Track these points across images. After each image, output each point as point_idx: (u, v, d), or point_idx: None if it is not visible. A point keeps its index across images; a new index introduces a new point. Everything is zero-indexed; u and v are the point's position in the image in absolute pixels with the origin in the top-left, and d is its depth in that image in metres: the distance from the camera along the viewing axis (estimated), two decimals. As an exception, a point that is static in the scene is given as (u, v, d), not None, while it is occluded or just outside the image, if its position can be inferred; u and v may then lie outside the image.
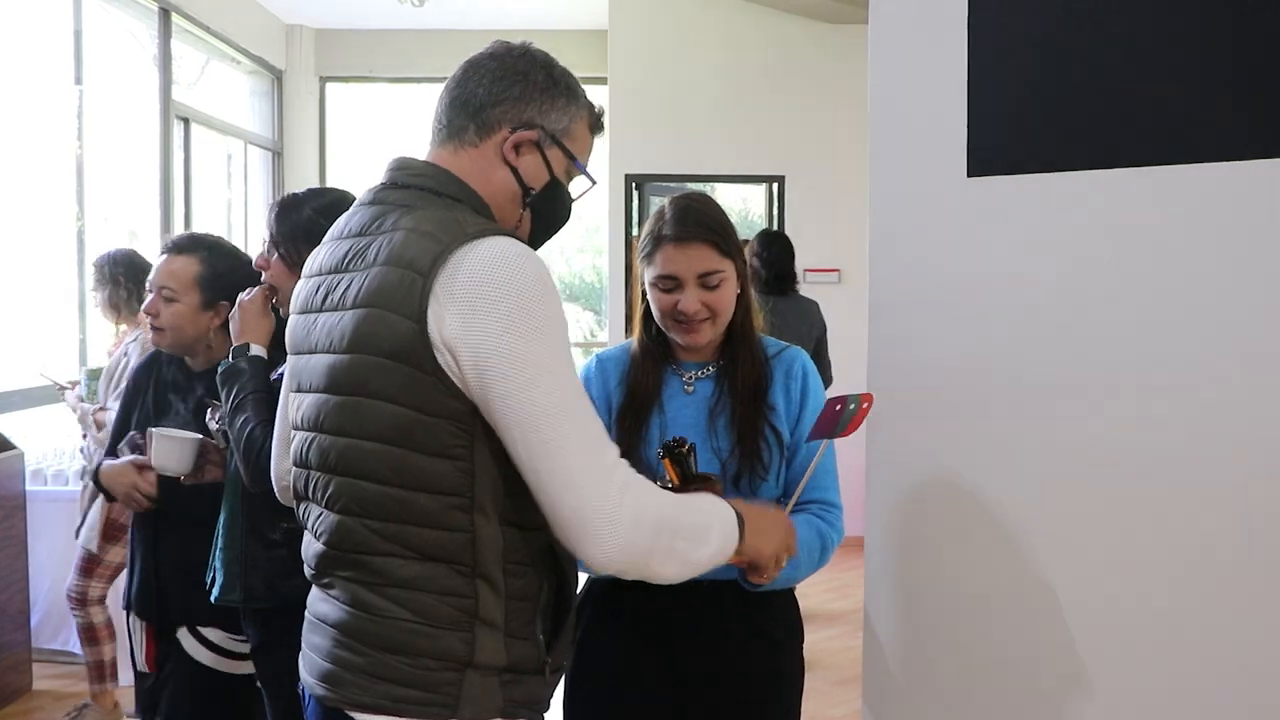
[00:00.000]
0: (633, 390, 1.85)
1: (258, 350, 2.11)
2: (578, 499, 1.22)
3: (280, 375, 1.69)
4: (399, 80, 7.82)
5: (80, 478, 4.21)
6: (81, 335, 5.20)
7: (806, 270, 6.02)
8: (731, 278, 1.81)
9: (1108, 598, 1.80)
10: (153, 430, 2.25)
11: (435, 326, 1.25)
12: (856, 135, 2.82)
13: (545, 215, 1.47)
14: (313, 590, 1.44)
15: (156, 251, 2.47)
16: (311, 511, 1.41)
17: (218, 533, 2.17)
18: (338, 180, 7.20)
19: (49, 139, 5.19)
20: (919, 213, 1.94)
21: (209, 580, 2.18)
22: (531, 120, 1.41)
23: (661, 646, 1.82)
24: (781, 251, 4.39)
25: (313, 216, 2.03)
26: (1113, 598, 1.80)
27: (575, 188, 1.50)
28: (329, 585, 1.39)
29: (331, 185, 2.36)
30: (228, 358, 2.12)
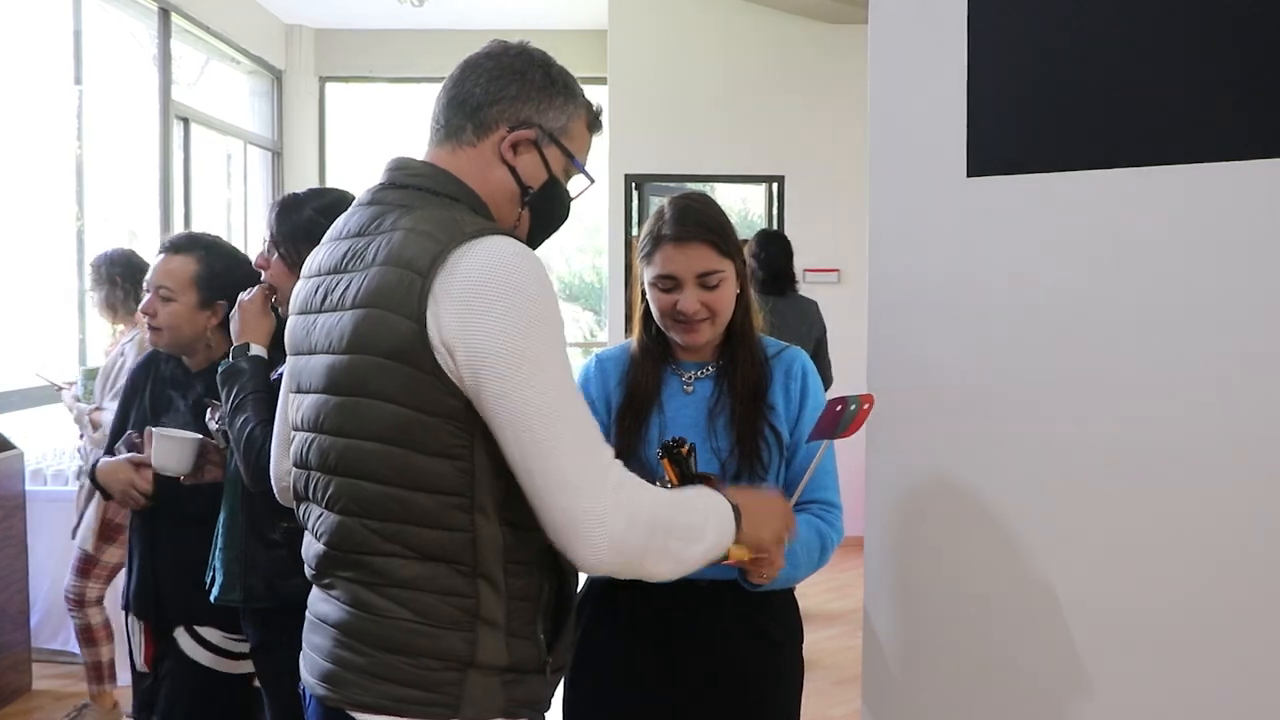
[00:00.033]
0: (632, 390, 1.85)
1: (258, 350, 2.11)
2: (569, 500, 1.22)
3: (280, 375, 1.69)
4: (399, 80, 7.82)
5: (77, 477, 4.20)
6: (81, 335, 5.20)
7: (806, 270, 6.02)
8: (731, 278, 1.81)
9: (1107, 597, 1.80)
10: (153, 430, 2.25)
11: (434, 326, 1.25)
12: (856, 135, 2.82)
13: (544, 214, 1.46)
14: (313, 590, 1.44)
15: (155, 251, 2.47)
16: (312, 512, 1.41)
17: (217, 532, 2.17)
18: (337, 180, 7.20)
19: (49, 139, 5.18)
20: (919, 213, 1.94)
21: (208, 580, 2.18)
22: (529, 119, 1.41)
23: (661, 646, 1.82)
24: (779, 251, 4.38)
25: (313, 216, 2.03)
26: (1112, 597, 1.80)
27: (574, 186, 1.50)
28: (330, 585, 1.39)
29: (331, 185, 2.36)
30: (228, 358, 2.12)
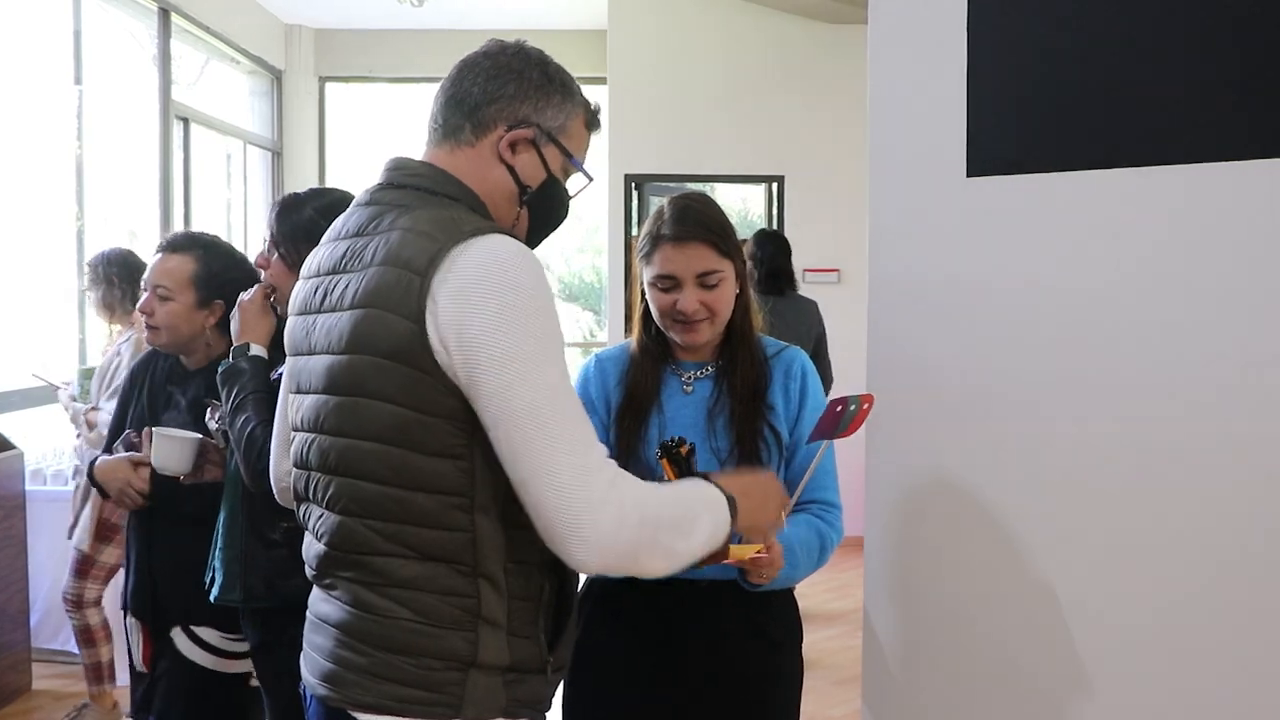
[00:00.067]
0: (631, 390, 1.85)
1: (258, 350, 2.11)
2: (559, 498, 1.21)
3: (280, 375, 1.69)
4: (398, 80, 7.82)
5: (73, 477, 4.19)
6: (81, 335, 5.20)
7: (806, 270, 6.02)
8: (730, 277, 1.81)
9: (1107, 597, 1.80)
10: (153, 430, 2.25)
11: (432, 325, 1.25)
12: (856, 135, 2.82)
13: (543, 213, 1.46)
14: (314, 590, 1.44)
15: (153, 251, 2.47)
16: (312, 512, 1.41)
17: (217, 532, 2.17)
18: (337, 180, 7.19)
19: (48, 139, 5.18)
20: (918, 212, 1.94)
21: (208, 580, 2.18)
22: (527, 118, 1.41)
23: (661, 646, 1.82)
24: (777, 251, 4.38)
25: (313, 217, 2.03)
26: (1112, 597, 1.80)
27: (572, 185, 1.50)
28: (331, 586, 1.39)
29: (331, 185, 2.35)
30: (228, 358, 2.12)
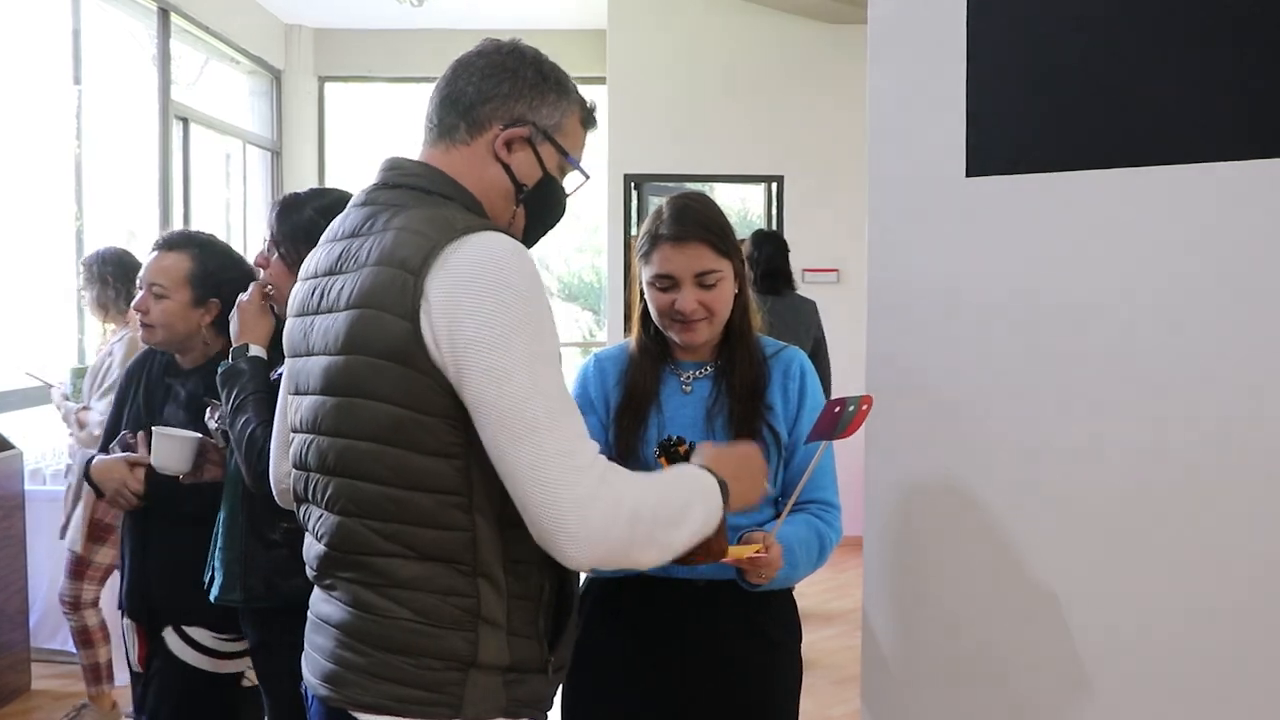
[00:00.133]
0: (631, 390, 1.85)
1: (257, 350, 2.11)
2: (547, 496, 1.20)
3: (280, 375, 1.69)
4: (398, 80, 7.81)
5: (65, 476, 4.19)
6: (80, 335, 5.20)
7: (805, 270, 6.02)
8: (729, 277, 1.81)
9: (1105, 597, 1.80)
10: (154, 429, 2.25)
11: (427, 324, 1.25)
12: (856, 135, 2.82)
13: (539, 211, 1.46)
14: (315, 590, 1.44)
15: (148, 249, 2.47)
16: (312, 513, 1.41)
17: (217, 532, 2.17)
18: (337, 180, 7.19)
19: (48, 139, 5.18)
20: (918, 212, 1.94)
21: (207, 579, 2.18)
22: (522, 116, 1.41)
23: (660, 646, 1.82)
24: (775, 251, 4.38)
25: (313, 217, 2.02)
26: (1109, 597, 1.80)
27: (569, 183, 1.50)
28: (331, 586, 1.39)
29: (331, 185, 2.35)
30: (227, 359, 2.12)
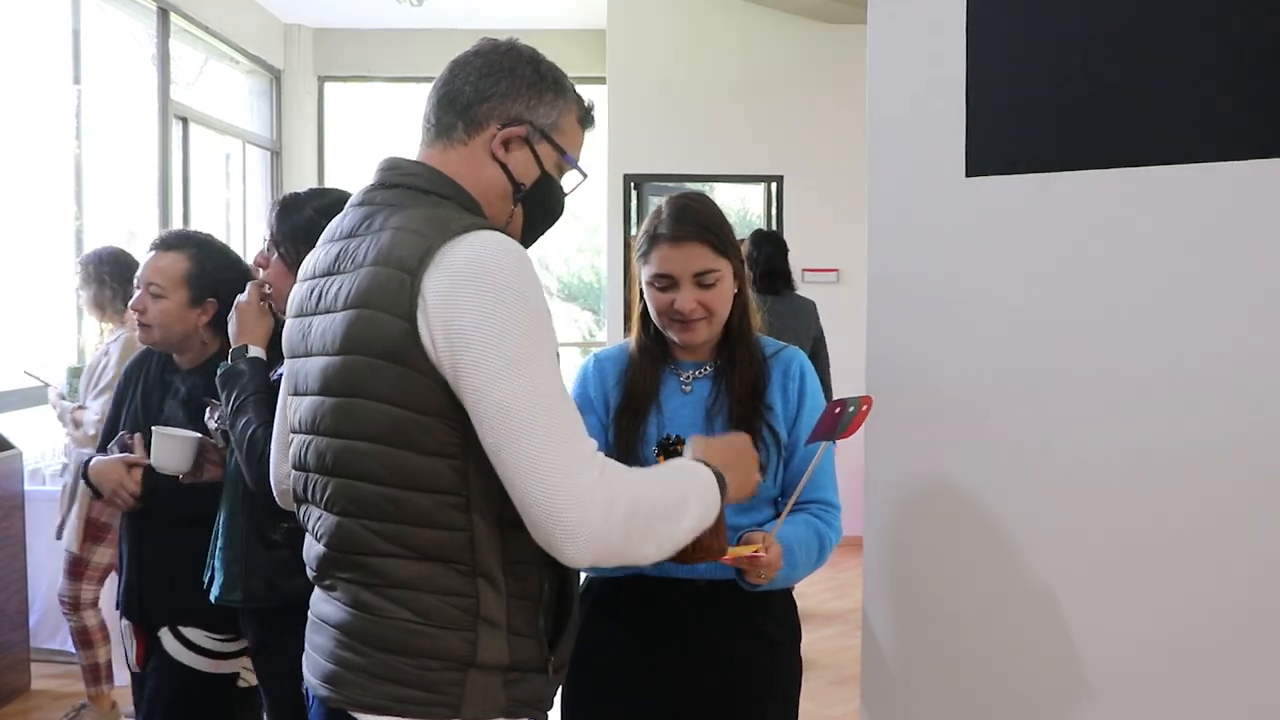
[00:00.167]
0: (630, 390, 1.85)
1: (256, 351, 2.11)
2: (545, 495, 1.20)
3: (280, 375, 1.69)
4: (397, 80, 7.81)
5: (60, 475, 4.18)
6: (79, 335, 5.20)
7: (805, 270, 6.02)
8: (728, 277, 1.81)
9: (1105, 597, 1.80)
10: (154, 429, 2.25)
11: (424, 324, 1.25)
12: (856, 135, 2.82)
13: (537, 210, 1.46)
14: (315, 591, 1.44)
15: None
16: (312, 514, 1.41)
17: (217, 531, 2.17)
18: (336, 180, 7.20)
19: (47, 139, 5.18)
20: (918, 212, 1.94)
21: (207, 579, 2.18)
22: (519, 116, 1.41)
23: (660, 646, 1.82)
24: (773, 251, 4.38)
25: (313, 217, 2.02)
26: (1110, 597, 1.80)
27: (567, 182, 1.49)
28: (331, 587, 1.39)
29: (330, 185, 2.35)
30: (225, 359, 2.12)
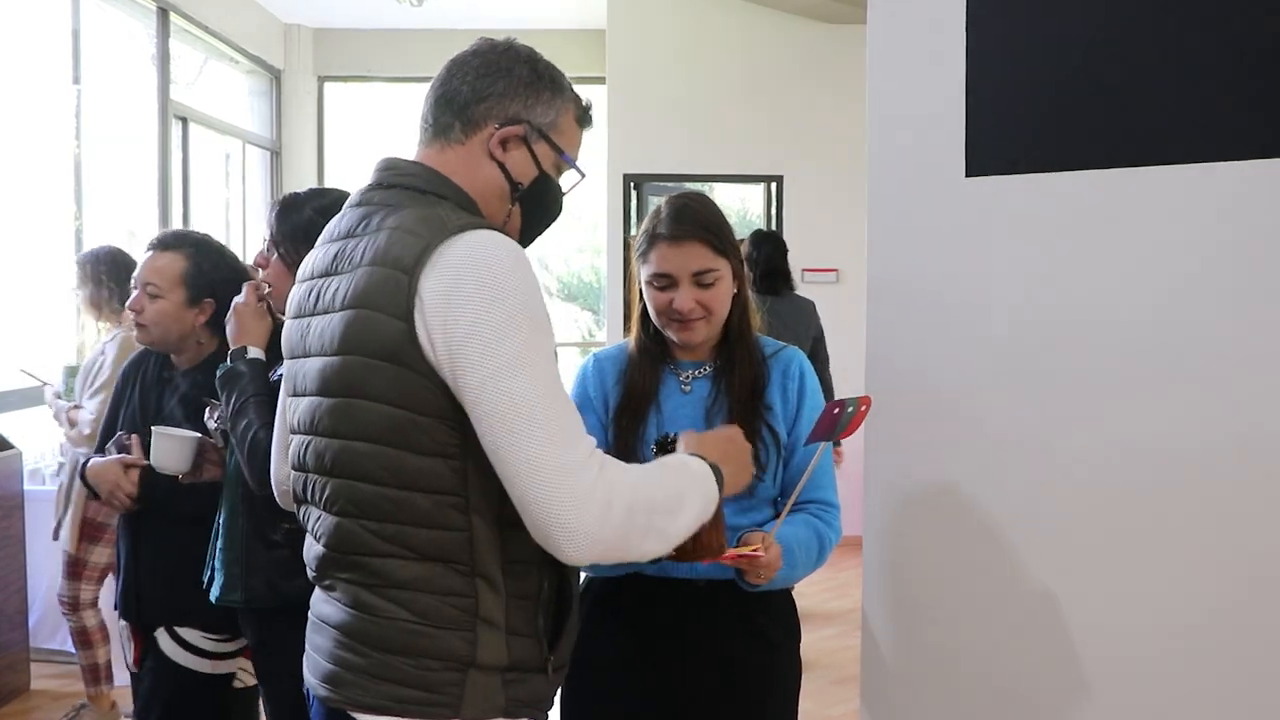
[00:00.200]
0: (630, 389, 1.85)
1: (255, 352, 2.10)
2: (543, 494, 1.20)
3: (279, 376, 1.69)
4: (397, 80, 7.82)
5: (57, 475, 4.17)
6: (79, 335, 5.19)
7: (805, 270, 6.02)
8: (727, 276, 1.81)
9: (1104, 597, 1.80)
10: (153, 429, 2.25)
11: (421, 324, 1.25)
12: (855, 135, 2.82)
13: (535, 210, 1.46)
14: (315, 591, 1.44)
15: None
16: (311, 514, 1.41)
17: (217, 532, 2.16)
18: (336, 180, 7.19)
19: (47, 138, 5.18)
20: (917, 212, 1.94)
21: (206, 580, 2.17)
22: (517, 115, 1.41)
23: (660, 646, 1.82)
24: (773, 251, 4.38)
25: (313, 217, 2.02)
26: (1109, 598, 1.80)
27: (565, 181, 1.49)
28: (330, 587, 1.39)
29: (330, 185, 2.35)
30: (225, 360, 2.12)
